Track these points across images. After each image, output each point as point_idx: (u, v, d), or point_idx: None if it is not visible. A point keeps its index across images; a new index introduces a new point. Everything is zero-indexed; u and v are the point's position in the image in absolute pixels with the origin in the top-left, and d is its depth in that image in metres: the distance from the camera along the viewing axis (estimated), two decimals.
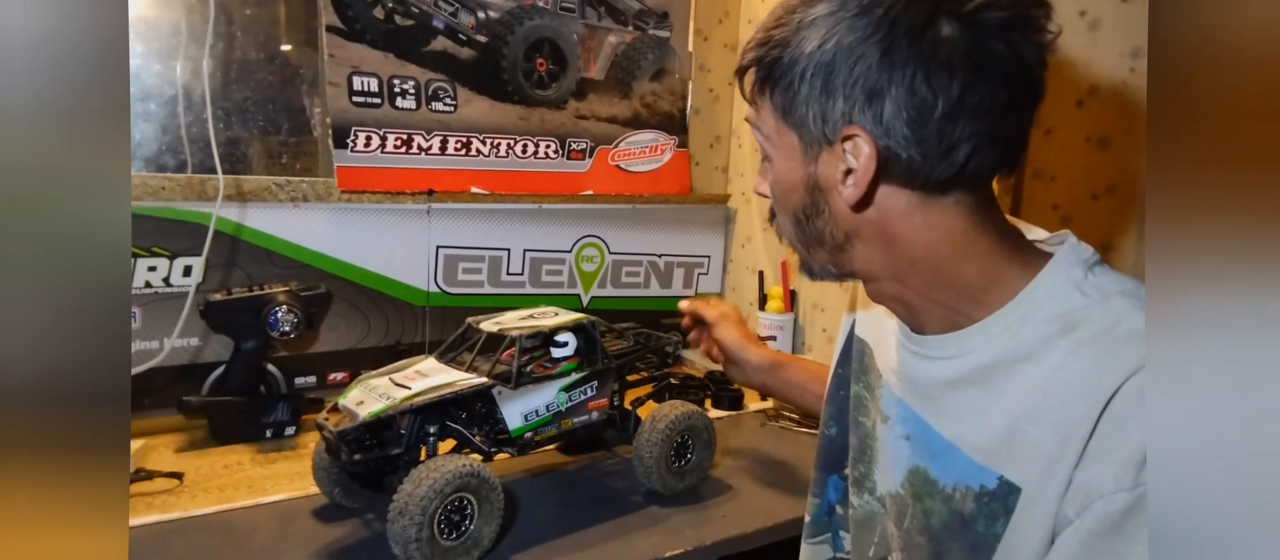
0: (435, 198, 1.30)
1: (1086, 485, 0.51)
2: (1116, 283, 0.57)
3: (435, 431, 0.86)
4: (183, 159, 1.18)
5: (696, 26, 1.59)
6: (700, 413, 1.00)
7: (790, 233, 0.66)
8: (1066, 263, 0.59)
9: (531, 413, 0.91)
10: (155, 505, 0.90)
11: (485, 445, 0.89)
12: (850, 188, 0.58)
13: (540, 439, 0.92)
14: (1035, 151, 1.07)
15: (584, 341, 0.95)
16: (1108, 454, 0.50)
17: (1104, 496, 0.50)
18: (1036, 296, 0.58)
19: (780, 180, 0.64)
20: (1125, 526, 0.49)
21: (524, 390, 0.89)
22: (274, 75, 1.30)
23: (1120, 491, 0.49)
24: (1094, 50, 1.03)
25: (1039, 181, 1.08)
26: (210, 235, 1.10)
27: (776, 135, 0.63)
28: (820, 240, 0.63)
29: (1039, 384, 0.55)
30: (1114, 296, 0.55)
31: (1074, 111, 1.05)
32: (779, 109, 0.61)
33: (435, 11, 1.31)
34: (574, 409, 0.94)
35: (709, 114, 1.65)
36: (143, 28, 1.19)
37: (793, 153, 0.62)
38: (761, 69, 0.62)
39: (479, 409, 0.89)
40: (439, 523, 0.77)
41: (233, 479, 0.98)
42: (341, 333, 1.27)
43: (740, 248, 1.64)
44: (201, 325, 1.12)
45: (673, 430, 0.96)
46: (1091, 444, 0.51)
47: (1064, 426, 0.53)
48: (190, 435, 1.11)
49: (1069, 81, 1.05)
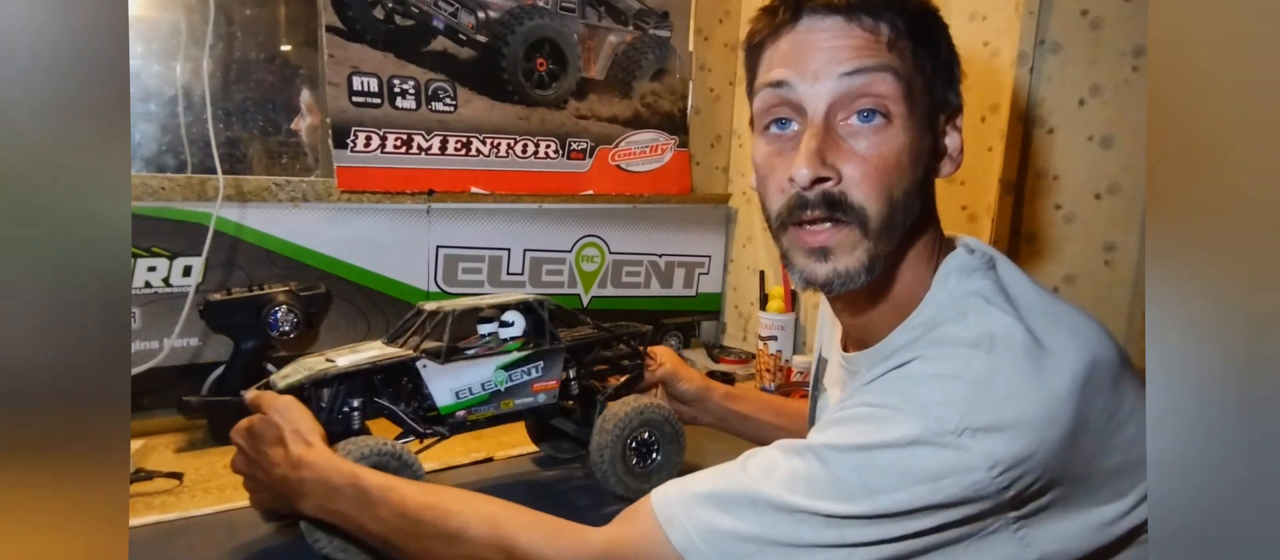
0: (435, 198, 1.30)
1: (853, 398, 0.55)
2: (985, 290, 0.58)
3: (358, 405, 0.83)
4: (182, 159, 1.18)
5: (697, 26, 1.58)
6: (657, 405, 0.93)
7: (884, 214, 0.57)
8: (945, 273, 0.60)
9: (464, 390, 0.87)
10: (155, 505, 0.90)
11: (416, 423, 0.85)
12: (955, 158, 0.59)
13: (475, 419, 0.88)
14: (1038, 150, 1.07)
15: (531, 322, 0.91)
16: (887, 383, 0.54)
17: (866, 405, 0.53)
18: (926, 302, 0.60)
19: (907, 148, 0.56)
20: (849, 423, 0.53)
21: (455, 366, 0.85)
22: (274, 75, 1.30)
23: (878, 406, 0.53)
24: (1096, 49, 1.03)
25: (1041, 180, 1.08)
26: (210, 235, 1.10)
27: (915, 94, 0.56)
28: (906, 221, 0.58)
29: (893, 349, 0.59)
30: (967, 306, 0.57)
31: (1077, 110, 1.05)
32: (924, 66, 0.56)
33: (435, 11, 1.31)
34: (516, 389, 0.89)
35: (709, 114, 1.65)
36: (143, 28, 1.18)
37: (924, 118, 0.57)
38: (909, 19, 0.56)
39: (405, 384, 0.86)
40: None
41: (233, 479, 0.98)
42: (341, 333, 1.27)
43: (741, 248, 1.64)
44: (201, 325, 1.12)
45: (626, 426, 0.90)
46: (884, 378, 0.55)
47: (881, 368, 0.57)
48: (190, 435, 1.11)
49: (1071, 80, 1.05)
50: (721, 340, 1.70)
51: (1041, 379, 0.51)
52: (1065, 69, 1.04)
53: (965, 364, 0.52)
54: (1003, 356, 0.52)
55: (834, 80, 0.55)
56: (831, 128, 0.56)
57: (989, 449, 0.49)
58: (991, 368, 0.51)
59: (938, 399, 0.51)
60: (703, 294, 1.64)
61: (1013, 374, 0.51)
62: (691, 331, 1.64)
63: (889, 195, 0.56)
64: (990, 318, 0.55)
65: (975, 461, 0.49)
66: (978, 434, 0.49)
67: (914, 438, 0.50)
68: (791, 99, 0.57)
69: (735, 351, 1.57)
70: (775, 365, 1.39)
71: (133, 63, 1.17)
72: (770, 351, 1.40)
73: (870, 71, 0.54)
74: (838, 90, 0.55)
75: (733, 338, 1.68)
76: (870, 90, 0.55)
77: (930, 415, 0.50)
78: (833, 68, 0.55)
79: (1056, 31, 1.04)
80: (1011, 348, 0.52)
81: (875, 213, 0.56)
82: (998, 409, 0.50)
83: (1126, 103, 1.03)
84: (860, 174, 0.55)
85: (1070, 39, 1.03)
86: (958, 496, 0.50)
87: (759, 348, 1.42)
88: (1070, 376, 0.52)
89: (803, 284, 0.60)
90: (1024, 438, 0.50)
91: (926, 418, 0.50)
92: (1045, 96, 1.05)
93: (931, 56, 0.57)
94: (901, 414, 0.51)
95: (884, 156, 0.55)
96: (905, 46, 0.55)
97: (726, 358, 1.54)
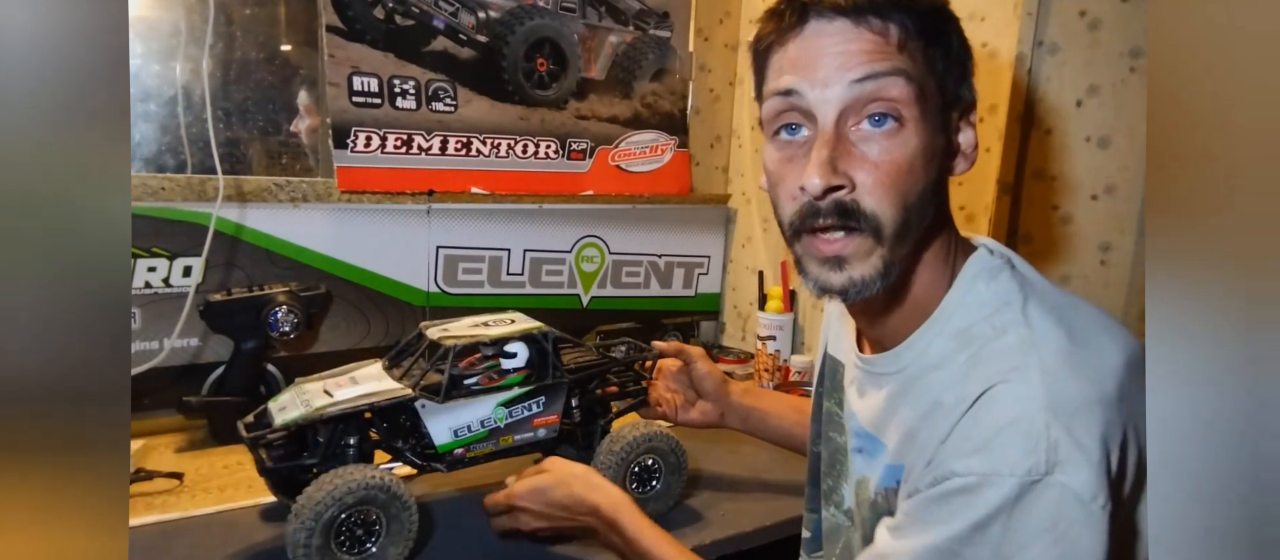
0: (435, 198, 1.30)
1: (939, 463, 0.53)
2: (1011, 293, 0.58)
3: (354, 443, 0.82)
4: (182, 159, 1.18)
5: (697, 26, 1.59)
6: (665, 434, 0.90)
7: (898, 220, 0.55)
8: (970, 275, 0.60)
9: (462, 428, 0.84)
10: (155, 505, 0.90)
11: (416, 458, 0.84)
12: (969, 155, 0.58)
13: (474, 456, 0.86)
14: (1035, 151, 1.07)
15: (535, 353, 0.87)
16: (962, 441, 0.53)
17: (955, 475, 0.52)
18: (947, 311, 0.60)
19: (922, 151, 0.55)
20: (953, 501, 0.51)
21: (454, 404, 0.83)
22: (274, 75, 1.30)
23: (967, 475, 0.51)
24: (1094, 50, 1.03)
25: (1039, 181, 1.08)
26: (210, 235, 1.10)
27: (927, 96, 0.55)
28: (920, 224, 0.58)
29: (938, 389, 0.57)
30: (1002, 310, 0.57)
31: (1074, 111, 1.05)
32: (936, 67, 0.55)
33: (435, 11, 1.31)
34: (516, 425, 0.87)
35: (709, 114, 1.65)
36: (143, 28, 1.18)
37: (937, 119, 0.56)
38: (920, 17, 0.54)
39: (403, 422, 0.84)
40: (339, 534, 0.74)
41: (233, 479, 0.98)
42: (341, 333, 1.27)
43: (740, 248, 1.64)
44: (201, 325, 1.12)
45: (631, 453, 0.87)
46: (953, 434, 0.54)
47: (943, 424, 0.55)
48: (190, 435, 1.11)
49: (1069, 81, 1.05)
50: (720, 340, 1.70)
51: (1096, 382, 0.52)
52: (1063, 70, 1.04)
53: (1025, 394, 0.52)
54: (1055, 372, 0.52)
55: (844, 86, 0.54)
56: (843, 134, 0.55)
57: (1085, 481, 0.49)
58: (1049, 389, 0.51)
59: (1019, 446, 0.50)
60: (702, 294, 1.64)
61: (1070, 387, 0.52)
62: (690, 331, 1.64)
63: (903, 201, 0.55)
64: (1030, 330, 0.55)
65: (1080, 495, 0.49)
66: (1066, 466, 0.49)
67: (1018, 491, 0.49)
68: (801, 106, 0.56)
69: (734, 351, 1.57)
70: (774, 365, 1.40)
71: (133, 63, 1.17)
72: (769, 351, 1.40)
73: (881, 76, 0.53)
74: (848, 96, 0.54)
75: (732, 338, 1.68)
76: (881, 95, 0.53)
77: (1021, 468, 0.49)
78: (842, 74, 0.54)
79: (1054, 32, 1.04)
80: (1060, 359, 0.53)
81: (889, 220, 0.55)
82: (1070, 430, 0.50)
83: (1124, 104, 1.03)
84: (873, 181, 0.54)
85: (1068, 40, 1.03)
86: (1079, 533, 0.49)
87: (758, 348, 1.42)
88: (1116, 378, 0.53)
89: (818, 291, 0.58)
90: (1103, 450, 0.50)
91: (1017, 472, 0.49)
92: (1043, 97, 1.06)
93: (943, 53, 0.55)
94: (995, 476, 0.50)
95: (897, 162, 0.54)
96: (916, 46, 0.54)
97: (725, 358, 1.54)
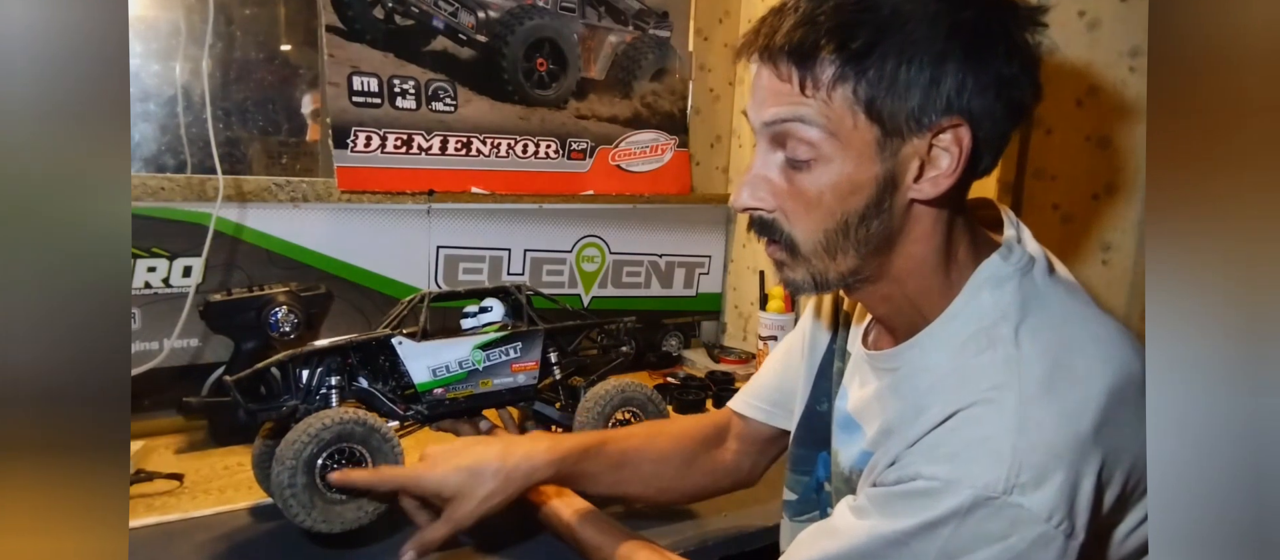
0: (435, 198, 1.30)
1: (907, 464, 0.54)
2: (1011, 307, 0.58)
3: (336, 383, 0.84)
4: (182, 159, 1.18)
5: (697, 26, 1.59)
6: (638, 384, 0.94)
7: (817, 242, 0.58)
8: (976, 284, 0.60)
9: (440, 368, 0.88)
10: (155, 506, 0.90)
11: (394, 404, 0.87)
12: (937, 180, 0.56)
13: (454, 397, 0.89)
14: (1035, 151, 1.07)
15: (510, 306, 0.93)
16: (931, 448, 0.54)
17: (921, 478, 0.53)
18: (949, 317, 0.60)
19: (838, 183, 0.56)
20: (913, 500, 0.53)
21: (431, 343, 0.87)
22: (274, 75, 1.30)
23: (931, 479, 0.52)
24: (1094, 50, 1.03)
25: (1039, 181, 1.08)
26: (210, 236, 1.10)
27: (844, 132, 0.55)
28: (862, 244, 0.58)
29: (922, 394, 0.58)
30: (999, 323, 0.57)
31: (1074, 110, 1.05)
32: (861, 100, 0.54)
33: (435, 11, 1.31)
34: (494, 369, 0.91)
35: (709, 114, 1.65)
36: (142, 28, 1.19)
37: (865, 149, 0.55)
38: (840, 55, 0.53)
39: (382, 362, 0.88)
40: (322, 473, 0.75)
41: (233, 480, 0.98)
42: (342, 333, 1.26)
43: (741, 248, 1.64)
44: (201, 326, 1.12)
45: (608, 405, 0.91)
46: (924, 441, 0.54)
47: (915, 430, 0.55)
48: (190, 436, 1.11)
49: (1069, 81, 1.05)
50: (721, 340, 1.70)
51: (1072, 415, 0.52)
52: (1063, 69, 1.04)
53: (998, 417, 0.52)
54: (1032, 400, 0.52)
55: (760, 125, 0.59)
56: (769, 161, 0.59)
57: (1042, 500, 0.50)
58: (1022, 415, 0.52)
59: (983, 462, 0.51)
60: (703, 294, 1.64)
61: (1044, 417, 0.52)
62: (691, 331, 1.64)
63: (820, 226, 0.58)
64: (1017, 351, 0.55)
65: (1035, 514, 0.50)
66: (1026, 489, 0.50)
67: (972, 502, 0.51)
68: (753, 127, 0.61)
69: (735, 351, 1.57)
70: None
71: (133, 63, 1.17)
72: (770, 351, 1.40)
73: (786, 121, 0.56)
74: (767, 133, 0.58)
75: (733, 338, 1.68)
76: (791, 134, 0.57)
77: (980, 482, 0.51)
78: (757, 114, 0.59)
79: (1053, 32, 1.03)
80: (1040, 388, 0.53)
81: (805, 242, 0.59)
82: (1036, 457, 0.51)
83: (1124, 103, 1.03)
84: (789, 207, 0.58)
85: (1067, 40, 1.03)
86: (1029, 546, 0.51)
87: (759, 348, 1.42)
88: (1096, 409, 0.53)
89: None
90: (1069, 478, 0.51)
91: (976, 485, 0.51)
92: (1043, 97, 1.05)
93: (886, 86, 0.53)
94: (955, 484, 0.52)
95: (807, 194, 0.57)
96: (835, 87, 0.54)
97: (727, 358, 1.54)
